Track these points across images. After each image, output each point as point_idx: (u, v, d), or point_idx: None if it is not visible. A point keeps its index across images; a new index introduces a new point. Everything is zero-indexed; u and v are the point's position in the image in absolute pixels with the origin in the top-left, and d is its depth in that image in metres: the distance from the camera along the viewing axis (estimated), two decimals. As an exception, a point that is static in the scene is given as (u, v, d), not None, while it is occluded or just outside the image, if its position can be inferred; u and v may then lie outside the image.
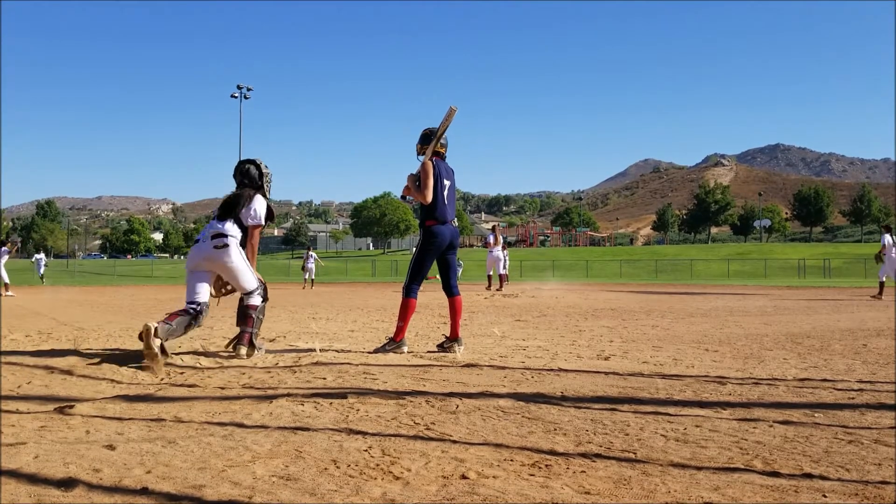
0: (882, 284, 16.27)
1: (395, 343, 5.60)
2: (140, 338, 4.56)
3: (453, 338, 5.71)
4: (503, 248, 21.09)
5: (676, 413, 3.28)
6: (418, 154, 5.89)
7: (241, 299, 5.32)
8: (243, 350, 5.17)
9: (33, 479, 2.21)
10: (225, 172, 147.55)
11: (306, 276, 27.68)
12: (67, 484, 2.16)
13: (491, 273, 20.85)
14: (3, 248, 18.44)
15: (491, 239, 20.57)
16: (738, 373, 4.59)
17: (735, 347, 6.07)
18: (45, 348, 5.62)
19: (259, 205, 5.40)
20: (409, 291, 5.66)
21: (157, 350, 4.49)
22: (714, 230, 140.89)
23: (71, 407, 3.38)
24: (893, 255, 15.95)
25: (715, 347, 6.06)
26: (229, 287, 5.41)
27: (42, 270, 34.18)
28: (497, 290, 19.49)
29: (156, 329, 4.56)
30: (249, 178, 5.51)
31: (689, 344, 6.33)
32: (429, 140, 5.78)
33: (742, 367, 4.89)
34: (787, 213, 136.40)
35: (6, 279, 17.96)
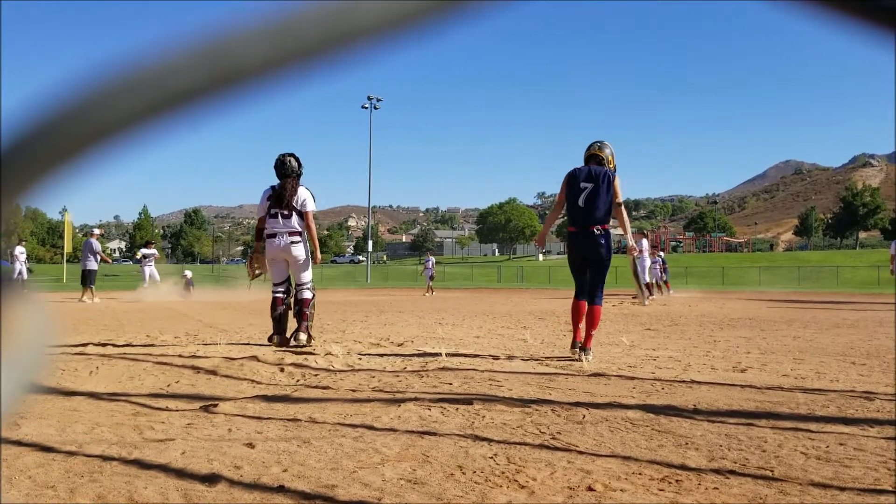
0: None
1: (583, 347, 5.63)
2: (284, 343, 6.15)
3: (582, 347, 5.63)
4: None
5: (818, 430, 3.10)
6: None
7: (297, 292, 6.32)
8: (302, 337, 6.08)
9: (181, 473, 2.38)
10: (356, 180, 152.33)
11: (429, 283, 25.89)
12: (211, 479, 2.31)
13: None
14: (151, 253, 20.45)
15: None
16: (888, 388, 4.28)
17: (885, 361, 5.66)
18: (192, 349, 6.01)
19: (305, 194, 6.34)
20: (576, 295, 5.77)
21: (307, 342, 6.07)
22: (863, 235, 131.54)
23: (215, 406, 3.60)
24: None
25: (862, 360, 5.68)
26: (259, 271, 6.62)
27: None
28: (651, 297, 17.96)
29: (298, 336, 6.08)
30: (291, 169, 6.32)
31: (833, 356, 5.97)
32: (594, 159, 5.78)
33: (892, 381, 4.56)
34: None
35: (157, 278, 19.68)
